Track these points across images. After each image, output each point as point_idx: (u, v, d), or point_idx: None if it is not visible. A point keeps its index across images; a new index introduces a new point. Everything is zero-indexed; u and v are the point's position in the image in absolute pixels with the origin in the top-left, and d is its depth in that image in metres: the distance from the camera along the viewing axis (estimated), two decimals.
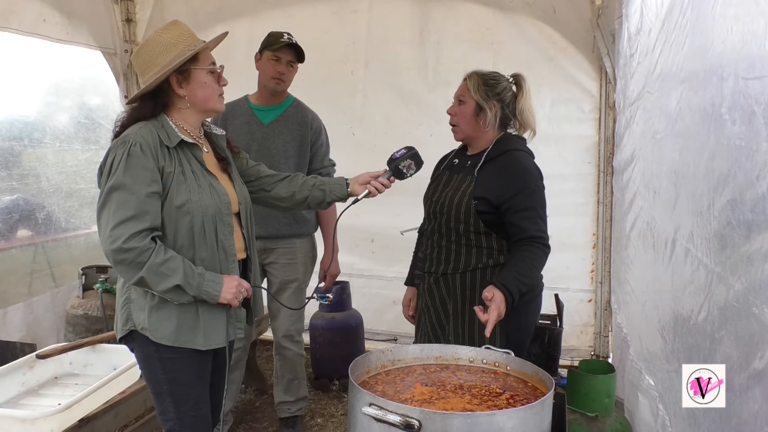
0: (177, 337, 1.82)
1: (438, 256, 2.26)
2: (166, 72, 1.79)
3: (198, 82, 1.84)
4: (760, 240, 1.07)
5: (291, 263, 2.91)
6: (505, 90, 2.24)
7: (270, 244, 2.88)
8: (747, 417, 1.16)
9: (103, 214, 1.74)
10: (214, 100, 1.90)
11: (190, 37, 1.85)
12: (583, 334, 3.89)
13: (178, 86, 1.83)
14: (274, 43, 2.74)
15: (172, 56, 1.79)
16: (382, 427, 1.48)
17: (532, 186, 2.16)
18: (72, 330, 3.31)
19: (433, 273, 2.28)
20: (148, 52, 1.82)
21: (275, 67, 2.76)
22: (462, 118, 2.25)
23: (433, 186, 2.37)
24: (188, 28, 1.88)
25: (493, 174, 2.19)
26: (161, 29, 1.86)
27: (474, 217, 2.16)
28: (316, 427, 3.23)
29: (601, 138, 3.69)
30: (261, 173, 2.15)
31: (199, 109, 1.89)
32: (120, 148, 1.75)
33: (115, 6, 4.09)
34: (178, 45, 1.81)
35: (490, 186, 2.16)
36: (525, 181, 2.15)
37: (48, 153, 3.73)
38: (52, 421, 2.16)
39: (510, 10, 3.74)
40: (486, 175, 2.20)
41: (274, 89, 2.81)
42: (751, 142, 1.12)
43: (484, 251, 2.20)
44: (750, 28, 1.14)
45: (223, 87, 1.92)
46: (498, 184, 2.16)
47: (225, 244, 1.87)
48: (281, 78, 2.78)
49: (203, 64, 1.85)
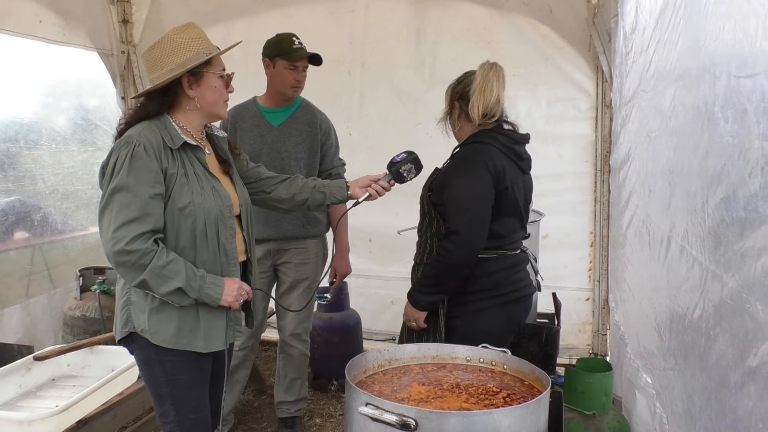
0: (177, 339, 1.81)
1: (418, 246, 2.35)
2: (181, 72, 1.79)
3: (209, 85, 1.85)
4: (753, 237, 1.08)
5: (304, 263, 2.92)
6: (466, 86, 2.25)
7: (283, 245, 2.89)
8: (742, 414, 1.17)
9: (106, 215, 1.73)
10: (220, 105, 1.90)
11: (205, 41, 1.86)
12: (581, 332, 3.90)
13: (188, 87, 1.83)
14: (289, 52, 2.72)
15: (186, 57, 1.80)
16: (379, 427, 1.49)
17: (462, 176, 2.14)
18: (70, 331, 3.30)
19: (414, 262, 2.37)
20: (161, 50, 1.83)
21: (293, 76, 2.75)
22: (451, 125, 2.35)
23: None
24: (203, 32, 1.89)
25: (446, 167, 2.29)
26: (177, 29, 1.86)
27: (428, 207, 2.25)
28: (314, 427, 3.24)
29: (598, 136, 3.70)
30: (261, 175, 2.15)
31: (205, 112, 1.89)
32: (123, 148, 1.74)
33: (111, 7, 4.09)
34: (193, 47, 1.81)
35: (440, 178, 2.26)
36: (456, 172, 2.18)
37: (44, 155, 3.73)
38: (49, 423, 2.16)
39: (506, 9, 3.74)
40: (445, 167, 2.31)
41: (292, 96, 2.83)
42: (744, 139, 1.12)
43: None
44: (742, 26, 1.14)
45: (229, 94, 1.92)
46: (441, 176, 2.26)
47: (226, 246, 1.87)
48: (299, 86, 2.79)
49: (216, 68, 1.86)
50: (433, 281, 2.17)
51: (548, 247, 3.65)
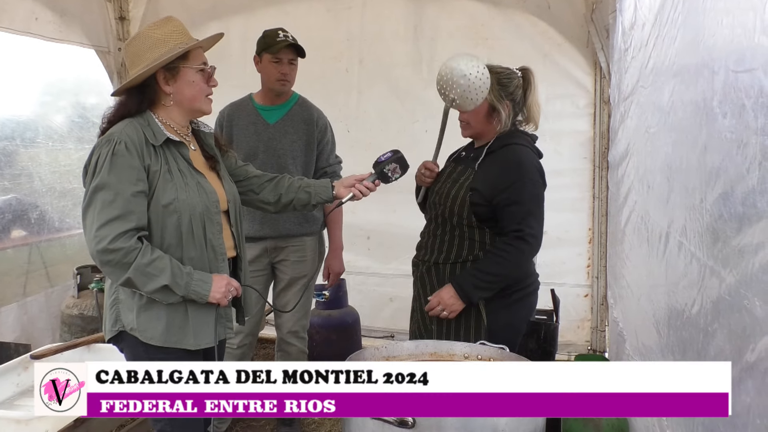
0: (166, 337, 1.80)
1: (432, 245, 2.28)
2: (154, 67, 1.77)
3: (185, 80, 1.82)
4: (750, 233, 1.07)
5: (301, 261, 2.92)
6: (517, 88, 2.23)
7: (280, 243, 2.89)
8: (740, 410, 1.17)
9: (89, 214, 1.72)
10: (201, 100, 1.87)
11: (183, 35, 1.83)
12: (579, 329, 3.90)
13: (164, 83, 1.82)
14: (272, 45, 2.72)
15: (162, 52, 1.77)
16: (377, 424, 1.49)
17: (524, 180, 2.15)
18: (67, 330, 3.30)
19: (426, 261, 2.30)
20: (138, 46, 1.81)
21: (278, 69, 2.74)
22: (474, 117, 2.23)
23: (439, 177, 2.37)
24: (181, 25, 1.86)
25: (490, 167, 2.20)
26: (154, 24, 1.84)
27: (468, 209, 2.17)
28: (313, 424, 3.24)
29: (596, 133, 3.69)
30: (249, 173, 2.14)
31: (186, 108, 1.87)
32: (104, 146, 1.73)
33: (108, 4, 4.07)
34: (169, 41, 1.79)
35: (486, 179, 2.18)
36: (517, 175, 2.15)
37: (41, 152, 3.72)
38: (47, 421, 2.16)
39: (504, 5, 3.73)
40: (484, 167, 2.21)
41: (280, 91, 2.81)
42: (742, 135, 1.12)
43: (476, 244, 2.21)
44: (740, 21, 1.14)
45: (212, 88, 1.89)
46: (492, 177, 2.17)
47: (214, 242, 1.86)
48: (285, 79, 2.77)
49: (193, 62, 1.83)
50: (497, 278, 2.14)
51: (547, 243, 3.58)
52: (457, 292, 2.14)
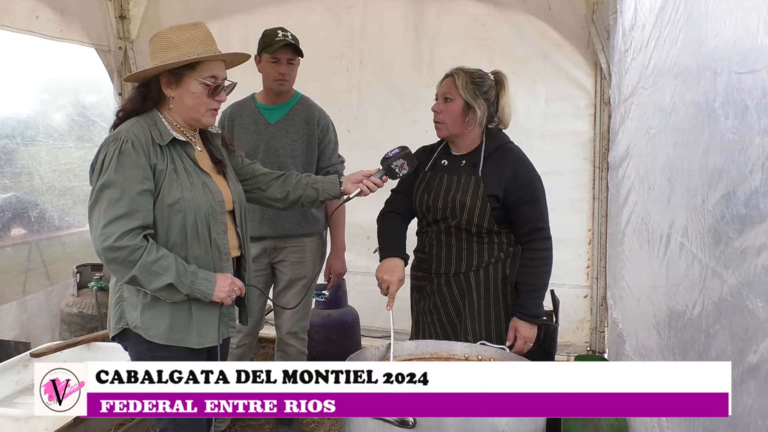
0: (170, 335, 1.81)
1: (448, 256, 2.25)
2: (157, 70, 1.79)
3: (187, 89, 1.82)
4: (753, 234, 1.07)
5: (300, 261, 2.91)
6: (490, 88, 2.25)
7: (280, 243, 2.88)
8: (741, 411, 1.16)
9: (95, 211, 1.73)
10: (201, 113, 1.85)
11: (200, 44, 1.81)
12: (579, 329, 3.90)
13: (167, 86, 1.82)
14: (270, 44, 2.72)
15: (171, 56, 1.78)
16: (377, 424, 1.48)
17: (532, 177, 2.22)
18: (67, 328, 3.30)
19: (443, 274, 2.26)
20: (156, 44, 1.83)
21: (276, 69, 2.75)
22: (449, 116, 2.22)
23: (423, 188, 2.30)
24: (203, 34, 1.83)
25: (494, 170, 2.20)
26: (178, 26, 1.83)
27: (489, 217, 2.18)
28: (312, 424, 3.23)
29: (597, 134, 3.69)
30: (256, 172, 2.14)
31: (185, 116, 1.86)
32: (111, 145, 1.74)
33: (108, 3, 4.07)
34: (182, 47, 1.79)
35: (497, 182, 2.19)
36: (525, 173, 2.21)
37: (41, 151, 3.72)
38: (46, 420, 2.16)
39: (505, 6, 3.73)
40: (488, 172, 2.20)
41: (279, 90, 2.81)
42: (744, 136, 1.11)
43: (495, 246, 2.23)
44: (743, 22, 1.14)
45: (219, 102, 1.87)
46: (502, 179, 2.18)
47: (218, 242, 1.86)
48: (284, 78, 2.77)
49: (201, 74, 1.81)
50: (546, 284, 2.23)
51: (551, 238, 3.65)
52: (528, 322, 2.18)
